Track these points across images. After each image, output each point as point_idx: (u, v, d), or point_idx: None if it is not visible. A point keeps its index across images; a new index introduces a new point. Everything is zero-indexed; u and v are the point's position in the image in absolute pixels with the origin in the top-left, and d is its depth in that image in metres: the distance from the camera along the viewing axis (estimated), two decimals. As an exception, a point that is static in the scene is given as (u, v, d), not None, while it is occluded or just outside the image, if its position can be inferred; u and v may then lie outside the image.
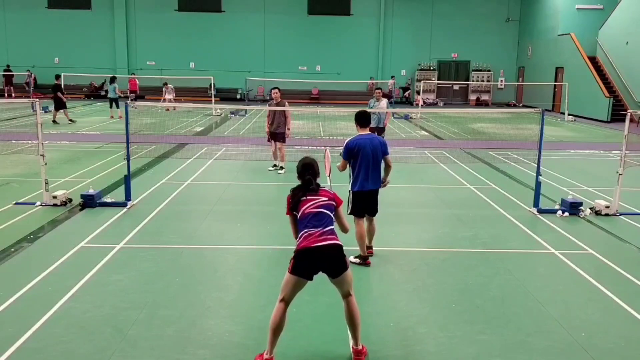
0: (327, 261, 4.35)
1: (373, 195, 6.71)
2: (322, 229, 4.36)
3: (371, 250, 6.97)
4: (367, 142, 6.51)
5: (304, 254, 4.33)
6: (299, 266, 4.35)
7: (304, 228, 4.40)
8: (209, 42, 34.08)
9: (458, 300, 5.78)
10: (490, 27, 34.59)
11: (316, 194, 4.50)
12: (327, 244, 4.32)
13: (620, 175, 9.08)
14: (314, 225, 4.37)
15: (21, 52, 33.66)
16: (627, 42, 25.18)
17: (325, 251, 4.32)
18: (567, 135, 20.43)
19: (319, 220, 4.39)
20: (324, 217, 4.42)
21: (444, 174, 12.51)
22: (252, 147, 15.70)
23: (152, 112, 25.03)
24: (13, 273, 6.27)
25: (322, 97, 33.86)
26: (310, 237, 4.33)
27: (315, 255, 4.31)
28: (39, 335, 4.83)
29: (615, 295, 5.90)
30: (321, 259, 4.33)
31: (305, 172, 4.57)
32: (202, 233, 7.90)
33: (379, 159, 6.57)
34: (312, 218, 4.40)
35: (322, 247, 4.31)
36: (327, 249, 4.32)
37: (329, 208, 4.49)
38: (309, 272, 4.38)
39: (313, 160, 4.69)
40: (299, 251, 4.35)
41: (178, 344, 4.75)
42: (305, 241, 4.34)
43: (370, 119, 6.97)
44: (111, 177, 11.20)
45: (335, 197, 4.58)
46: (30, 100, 11.58)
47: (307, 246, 4.31)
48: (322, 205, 4.46)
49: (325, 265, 4.37)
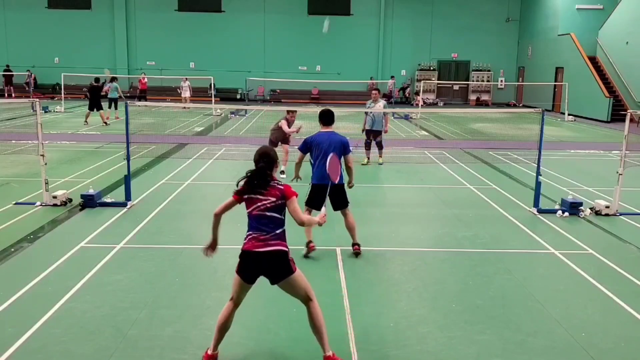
0: (267, 267, 4.26)
1: (333, 190, 6.41)
2: (266, 235, 4.20)
3: (357, 247, 6.86)
4: (325, 138, 6.67)
5: (246, 256, 4.26)
6: (241, 267, 4.29)
7: (250, 229, 4.28)
8: (209, 42, 34.08)
9: (458, 300, 5.78)
10: (490, 27, 34.59)
11: (263, 192, 4.23)
12: (269, 250, 4.19)
13: (620, 175, 9.08)
14: (259, 229, 4.22)
15: (21, 52, 33.65)
16: (627, 42, 25.18)
17: (265, 257, 4.20)
18: (567, 135, 20.43)
19: (265, 225, 4.22)
20: (270, 222, 4.23)
21: (444, 174, 12.51)
22: (252, 147, 15.65)
23: (152, 112, 25.03)
24: (13, 273, 6.27)
25: (322, 97, 33.85)
26: (254, 241, 4.22)
27: (255, 260, 4.22)
28: (39, 335, 4.83)
29: (615, 295, 5.90)
30: (260, 265, 4.23)
31: (260, 160, 4.30)
32: (202, 233, 7.87)
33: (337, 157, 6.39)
34: (258, 221, 4.24)
35: (262, 254, 4.19)
36: (268, 255, 4.20)
37: (278, 209, 4.26)
38: (249, 275, 4.30)
39: (271, 149, 4.48)
40: (243, 252, 4.28)
41: (178, 344, 4.74)
42: (249, 243, 4.24)
43: (333, 117, 6.92)
44: (111, 177, 11.20)
45: (286, 191, 4.28)
46: (30, 100, 11.60)
47: (250, 249, 4.22)
48: (269, 207, 4.23)
49: (266, 271, 4.28)
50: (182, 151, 14.91)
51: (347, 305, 5.55)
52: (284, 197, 4.26)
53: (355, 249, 6.85)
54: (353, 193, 10.30)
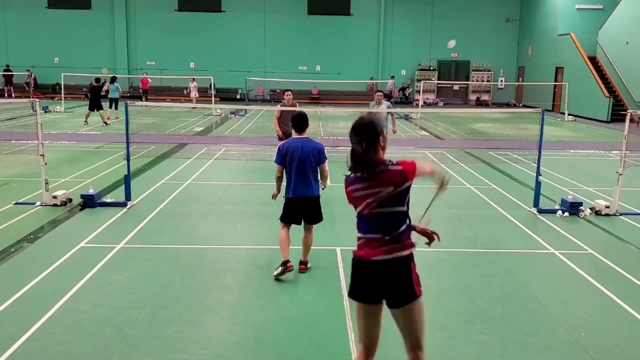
0: (390, 282, 3.29)
1: (307, 203, 6.15)
2: (385, 236, 3.27)
3: (304, 266, 6.38)
4: (299, 144, 6.07)
5: (362, 265, 3.32)
6: (356, 283, 3.34)
7: (361, 231, 3.36)
8: (209, 42, 34.08)
9: (458, 300, 5.78)
10: (490, 27, 34.59)
11: (377, 180, 3.25)
12: (393, 258, 3.26)
13: (620, 175, 9.07)
14: (375, 230, 3.30)
15: (21, 52, 33.64)
16: (627, 42, 25.18)
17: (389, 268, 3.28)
18: (567, 135, 20.43)
19: (383, 224, 3.29)
20: (390, 218, 3.28)
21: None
22: (252, 147, 15.70)
23: (153, 112, 25.03)
24: (13, 273, 6.27)
25: (322, 97, 33.86)
26: (370, 245, 3.31)
27: (375, 270, 3.29)
28: (39, 335, 4.83)
29: (615, 295, 5.90)
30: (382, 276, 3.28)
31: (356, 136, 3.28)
32: (202, 233, 7.90)
33: (312, 165, 6.06)
34: (372, 220, 3.31)
35: (385, 262, 3.26)
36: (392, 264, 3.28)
37: (399, 200, 3.27)
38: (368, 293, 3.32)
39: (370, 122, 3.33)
40: (356, 261, 3.36)
41: (178, 344, 4.74)
42: (363, 250, 3.34)
43: (307, 122, 6.28)
44: (111, 177, 11.20)
45: (406, 171, 3.28)
46: (30, 100, 11.59)
47: (367, 258, 3.29)
48: (388, 199, 3.24)
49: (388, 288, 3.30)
50: (182, 151, 14.91)
51: (347, 306, 5.54)
52: (405, 176, 3.27)
53: (301, 268, 6.37)
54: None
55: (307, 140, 6.16)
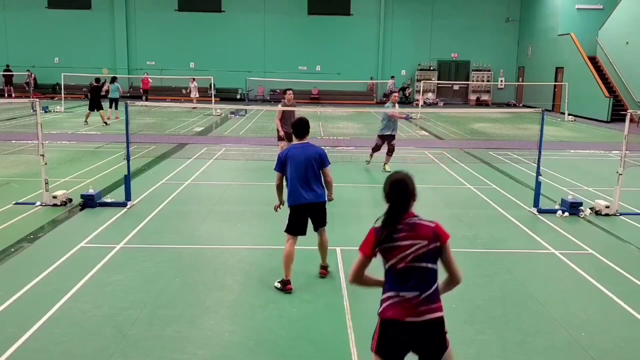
0: (423, 341, 3.17)
1: (313, 209, 5.96)
2: (420, 295, 3.13)
3: (325, 271, 6.28)
4: (299, 151, 5.88)
5: (393, 327, 3.15)
6: (385, 342, 3.17)
7: (392, 288, 3.19)
8: (209, 42, 34.07)
9: (458, 300, 5.77)
10: (490, 27, 34.59)
11: (412, 232, 3.18)
12: (426, 320, 3.12)
13: (620, 175, 9.08)
14: (409, 287, 3.15)
15: (21, 52, 33.64)
16: (627, 42, 25.18)
17: (423, 330, 3.14)
18: (567, 135, 20.43)
19: (417, 281, 3.15)
20: (424, 275, 3.16)
21: (444, 174, 12.51)
22: (252, 147, 15.70)
23: (152, 112, 25.02)
24: (13, 273, 6.27)
25: (322, 97, 33.85)
26: (402, 305, 3.14)
27: (407, 332, 3.14)
28: (39, 335, 4.83)
29: (615, 295, 5.90)
30: (414, 338, 3.16)
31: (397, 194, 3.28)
32: (202, 233, 7.90)
33: (313, 171, 5.87)
34: (406, 275, 3.15)
35: (418, 324, 3.12)
36: (426, 327, 3.13)
37: (432, 257, 3.18)
38: (397, 352, 3.18)
39: (407, 177, 3.32)
40: (386, 322, 3.17)
41: (178, 344, 4.75)
42: (394, 310, 3.15)
43: (307, 128, 6.07)
44: (111, 177, 11.20)
45: (439, 231, 3.23)
46: (30, 100, 11.59)
47: (398, 319, 3.13)
48: (422, 254, 3.15)
49: (420, 346, 3.19)
50: (182, 151, 14.91)
51: (347, 306, 5.55)
52: (439, 238, 3.23)
53: (322, 272, 6.27)
54: (353, 193, 10.35)
55: (308, 145, 5.97)
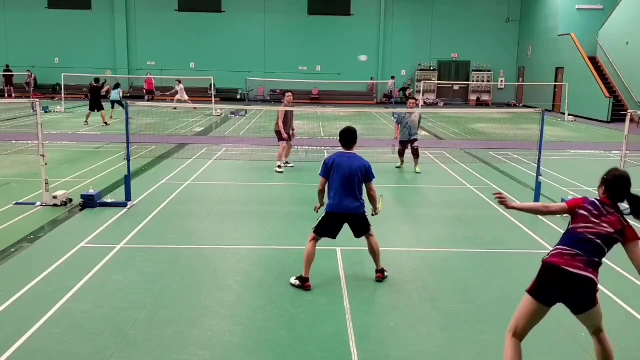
0: (571, 292, 3.77)
1: (352, 219, 6.04)
2: (584, 256, 3.74)
3: (381, 274, 6.22)
4: (345, 160, 5.94)
5: (551, 272, 3.77)
6: (539, 285, 3.81)
7: (563, 243, 3.86)
8: (209, 42, 34.07)
9: (458, 300, 5.78)
10: (490, 27, 34.58)
11: (611, 221, 3.85)
12: (578, 274, 3.70)
13: (620, 175, 9.06)
14: (579, 248, 3.77)
15: (21, 52, 33.64)
16: (627, 42, 25.18)
17: (574, 282, 3.72)
18: (567, 135, 20.43)
19: (589, 250, 3.77)
20: (594, 247, 3.78)
21: (444, 174, 12.51)
22: (252, 147, 15.70)
23: (152, 112, 25.03)
24: (13, 273, 6.27)
25: (322, 97, 33.85)
26: (562, 256, 3.76)
27: (561, 280, 3.73)
28: (39, 335, 4.83)
29: (615, 295, 5.90)
30: (565, 287, 3.75)
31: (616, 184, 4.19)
32: (202, 233, 7.90)
33: (355, 182, 5.91)
34: (581, 239, 3.80)
35: (572, 275, 3.70)
36: (577, 280, 3.71)
37: (609, 241, 3.81)
38: (550, 296, 3.82)
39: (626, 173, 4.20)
40: (546, 265, 3.80)
41: (178, 344, 4.74)
42: (557, 258, 3.77)
43: (355, 138, 6.10)
44: (111, 177, 11.20)
45: (626, 228, 3.84)
46: (30, 100, 11.58)
47: (558, 265, 3.73)
48: (601, 233, 3.80)
49: (568, 296, 3.80)
50: (182, 151, 14.91)
51: (347, 306, 5.55)
52: (624, 234, 3.82)
53: (378, 276, 6.20)
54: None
55: (355, 156, 6.02)
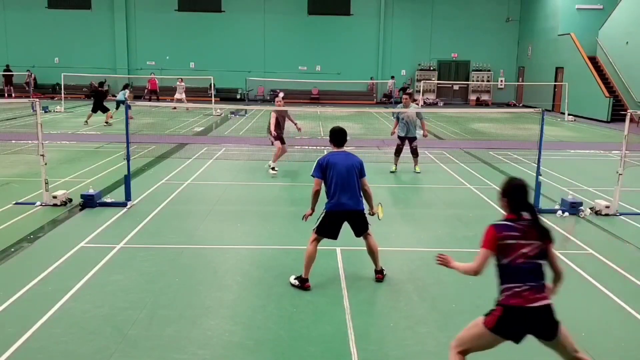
0: (539, 324, 3.74)
1: (352, 217, 6.06)
2: (536, 285, 3.68)
3: (381, 275, 6.23)
4: (340, 159, 5.98)
5: (517, 313, 3.68)
6: (504, 326, 3.73)
7: (511, 281, 3.69)
8: (209, 42, 34.08)
9: (458, 300, 5.78)
10: (490, 27, 34.58)
11: (526, 235, 3.69)
12: (542, 305, 3.67)
13: (620, 175, 9.08)
14: (529, 280, 3.68)
15: (21, 52, 33.65)
16: (627, 42, 25.18)
17: (540, 314, 3.69)
18: (567, 135, 20.43)
19: (535, 275, 3.70)
20: (540, 270, 3.73)
21: (444, 174, 12.51)
22: (252, 147, 15.70)
23: (153, 112, 25.02)
24: (13, 273, 6.28)
25: (322, 97, 33.86)
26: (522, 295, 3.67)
27: (528, 317, 3.69)
28: (39, 335, 4.83)
29: (615, 295, 5.90)
30: (533, 321, 3.72)
31: (519, 195, 3.81)
32: (202, 233, 7.90)
33: (354, 180, 5.96)
34: (526, 270, 3.68)
35: (536, 309, 3.66)
36: (542, 312, 3.69)
37: (543, 254, 3.74)
38: (517, 334, 3.78)
39: (524, 182, 3.93)
40: (510, 308, 3.69)
41: (178, 344, 4.75)
42: (516, 299, 3.67)
43: (345, 137, 6.19)
44: (111, 177, 11.20)
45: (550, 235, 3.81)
46: (30, 100, 11.57)
47: (521, 305, 3.65)
48: (539, 253, 3.71)
49: (537, 329, 3.76)
50: (182, 151, 14.91)
51: (347, 306, 5.55)
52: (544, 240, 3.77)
53: (378, 277, 6.22)
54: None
55: (349, 154, 6.09)
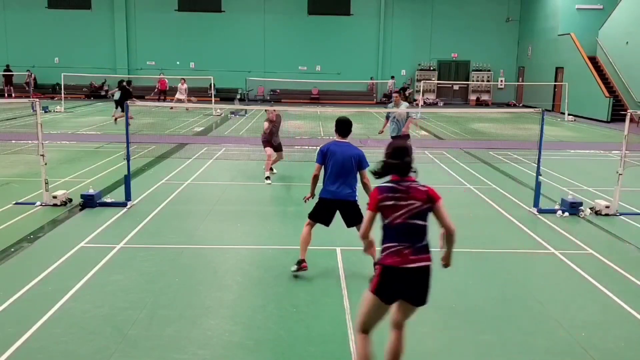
0: (414, 288, 3.75)
1: (343, 207, 6.19)
2: (414, 246, 3.70)
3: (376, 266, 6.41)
4: (340, 149, 6.16)
5: (391, 274, 3.71)
6: (383, 286, 3.74)
7: (391, 240, 3.74)
8: (209, 42, 34.07)
9: (458, 300, 5.78)
10: (490, 27, 34.57)
11: (407, 195, 3.76)
12: (418, 267, 3.69)
13: (620, 175, 9.08)
14: (405, 240, 3.72)
15: (21, 52, 33.63)
16: (627, 42, 25.17)
17: (414, 275, 3.71)
18: (567, 135, 20.43)
19: (411, 234, 3.73)
20: (417, 230, 3.74)
21: (444, 174, 12.51)
22: (252, 147, 15.68)
23: (153, 112, 25.02)
24: (13, 273, 6.27)
25: (322, 97, 33.84)
26: (399, 255, 3.70)
27: (402, 278, 3.70)
28: (39, 335, 4.83)
29: (615, 295, 5.90)
30: (408, 283, 3.73)
31: (399, 157, 3.82)
32: (202, 233, 7.90)
33: (350, 169, 6.09)
34: (402, 231, 3.73)
35: (411, 270, 3.68)
36: (417, 272, 3.70)
37: (424, 215, 3.76)
38: (391, 296, 3.78)
39: (407, 144, 3.88)
40: (386, 268, 3.73)
41: (178, 344, 4.75)
42: (393, 258, 3.71)
43: (350, 128, 6.40)
44: (111, 177, 11.20)
45: (430, 193, 3.82)
46: (30, 100, 11.57)
47: (395, 265, 3.69)
48: (415, 213, 3.73)
49: (411, 293, 3.78)
50: (182, 151, 14.91)
51: (347, 306, 5.55)
52: (430, 199, 3.81)
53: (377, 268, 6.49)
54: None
55: (349, 145, 6.24)
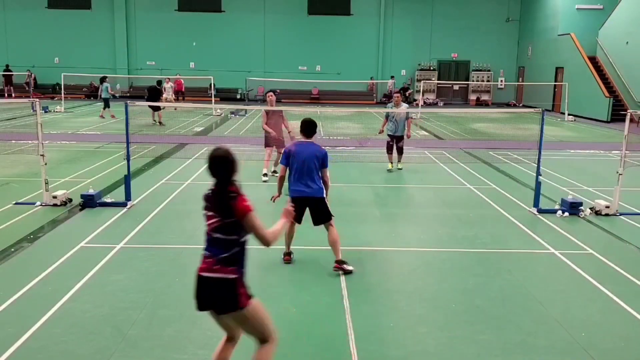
0: (203, 296, 3.70)
1: (311, 203, 6.32)
2: (213, 258, 3.66)
3: (338, 265, 6.29)
4: (303, 148, 6.33)
5: (196, 280, 3.71)
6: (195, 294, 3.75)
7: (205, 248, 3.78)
8: (209, 42, 34.08)
9: (458, 300, 5.78)
10: (490, 27, 34.58)
11: (214, 205, 3.71)
12: (206, 277, 3.64)
13: (620, 175, 9.08)
14: (207, 249, 3.74)
15: (21, 52, 33.64)
16: (627, 42, 25.18)
17: (203, 284, 3.67)
18: (567, 135, 20.43)
19: (212, 246, 3.71)
20: (216, 243, 3.68)
21: (444, 174, 12.51)
22: (252, 147, 15.69)
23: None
24: (13, 273, 6.27)
25: (322, 97, 33.85)
26: (203, 261, 3.72)
27: (198, 285, 3.70)
28: (39, 335, 4.83)
29: (615, 295, 5.90)
30: (200, 290, 3.69)
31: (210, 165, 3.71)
32: (202, 233, 7.85)
33: (312, 168, 6.25)
34: (208, 240, 3.76)
35: (202, 279, 3.66)
36: (204, 282, 3.66)
37: (223, 230, 3.65)
38: (198, 302, 3.73)
39: (226, 152, 3.68)
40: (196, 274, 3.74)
41: (178, 344, 4.75)
42: (200, 265, 3.73)
43: (315, 128, 6.55)
44: (111, 177, 11.20)
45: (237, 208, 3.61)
46: (30, 100, 11.58)
47: (197, 272, 3.70)
48: (213, 228, 3.69)
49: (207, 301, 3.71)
50: (182, 151, 14.91)
51: (347, 306, 5.55)
52: (234, 214, 3.66)
53: (335, 267, 6.31)
54: (353, 192, 10.35)
55: (311, 144, 6.42)
